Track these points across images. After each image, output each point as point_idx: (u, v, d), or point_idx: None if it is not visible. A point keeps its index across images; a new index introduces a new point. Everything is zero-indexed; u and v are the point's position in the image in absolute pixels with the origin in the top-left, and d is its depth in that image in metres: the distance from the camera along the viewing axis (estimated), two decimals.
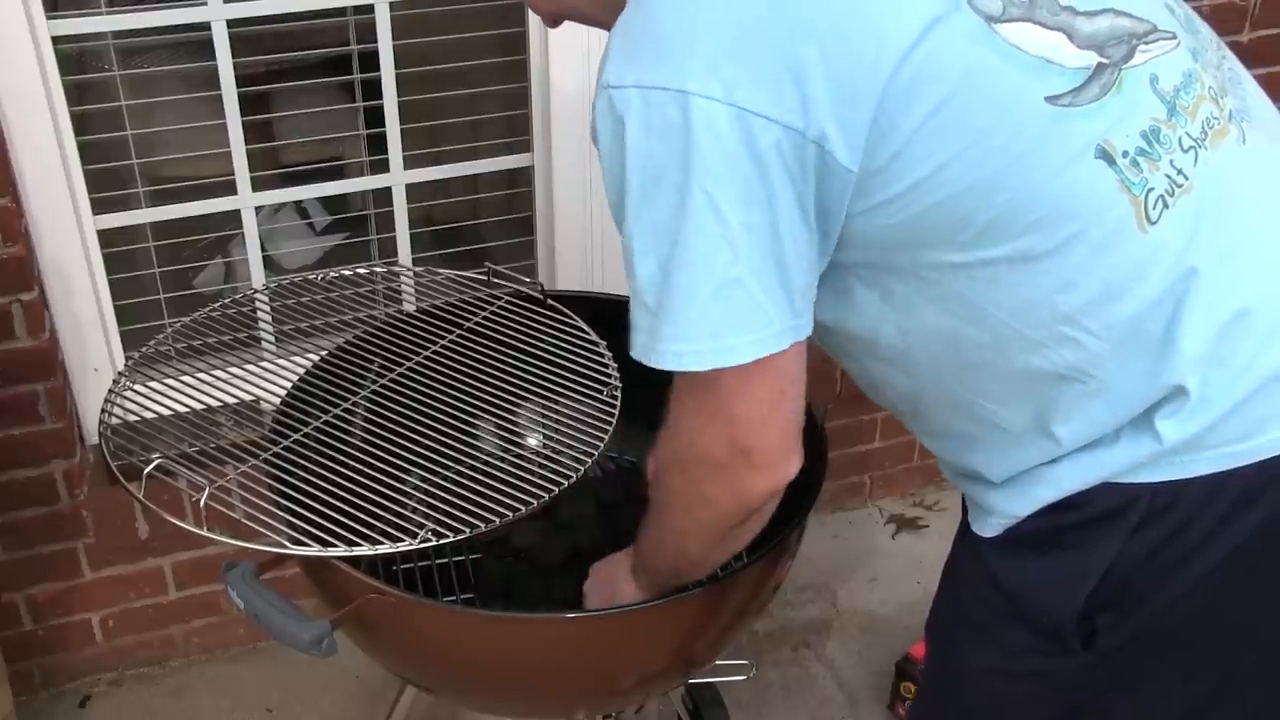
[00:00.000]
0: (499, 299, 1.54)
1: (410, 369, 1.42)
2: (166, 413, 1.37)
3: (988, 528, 1.07)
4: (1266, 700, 1.06)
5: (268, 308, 1.66)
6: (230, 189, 1.81)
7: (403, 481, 1.25)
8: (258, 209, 1.84)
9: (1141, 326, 0.94)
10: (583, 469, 1.23)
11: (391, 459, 1.26)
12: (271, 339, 1.65)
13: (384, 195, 1.91)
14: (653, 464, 1.11)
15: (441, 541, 1.15)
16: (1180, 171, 0.95)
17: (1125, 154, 0.93)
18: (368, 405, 1.39)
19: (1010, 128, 0.90)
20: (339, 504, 1.19)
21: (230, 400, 1.41)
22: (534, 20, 1.80)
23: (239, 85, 1.72)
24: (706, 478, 1.03)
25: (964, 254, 0.94)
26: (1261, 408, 0.96)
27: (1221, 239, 0.95)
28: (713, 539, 1.11)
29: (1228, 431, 0.95)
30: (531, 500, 1.18)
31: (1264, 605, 1.01)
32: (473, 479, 1.21)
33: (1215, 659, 1.03)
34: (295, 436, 1.33)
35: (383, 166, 1.87)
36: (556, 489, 1.20)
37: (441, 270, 1.61)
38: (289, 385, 1.44)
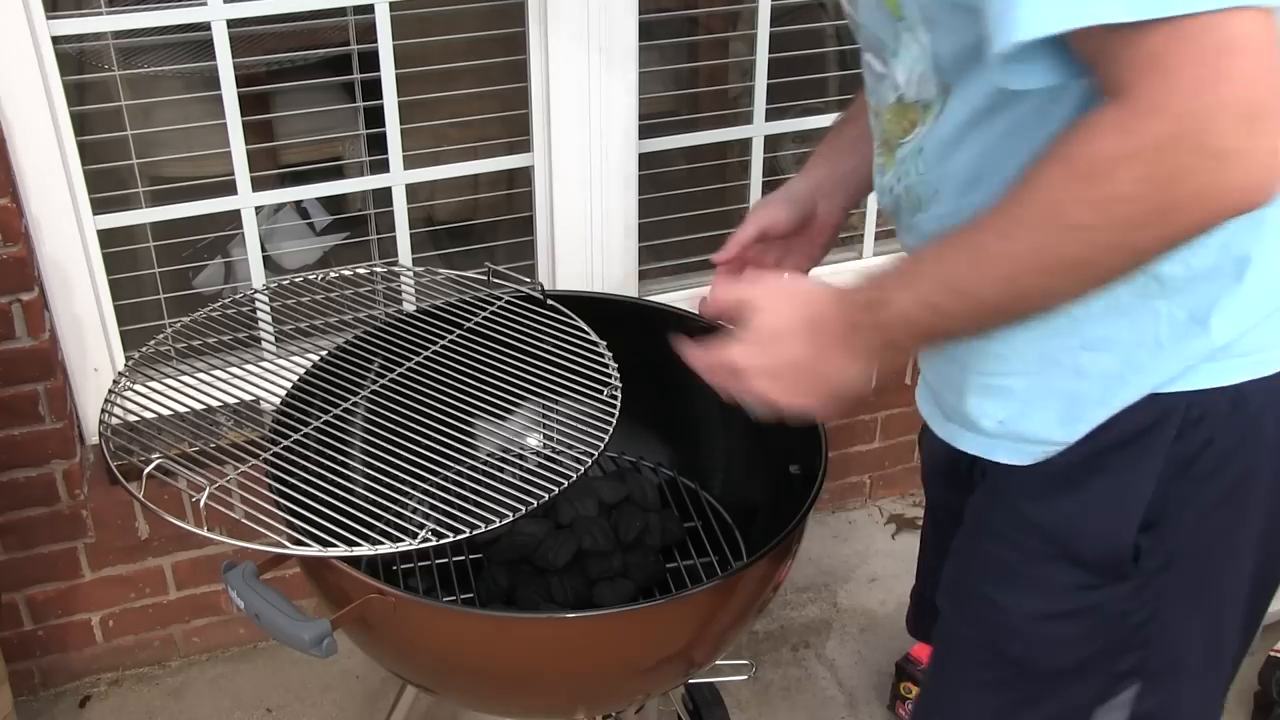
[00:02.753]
0: (499, 299, 1.54)
1: (410, 369, 1.42)
2: (166, 413, 1.37)
3: (1021, 456, 1.04)
4: None
5: (268, 308, 1.66)
6: (230, 189, 1.81)
7: (403, 481, 1.25)
8: (258, 209, 1.84)
9: None
10: (583, 469, 1.23)
11: (391, 459, 1.26)
12: (271, 339, 1.65)
13: (384, 195, 1.91)
14: (1078, 150, 0.80)
15: (441, 541, 1.15)
16: None
17: None
18: (368, 405, 1.39)
19: None
20: (339, 504, 1.19)
21: (230, 400, 1.41)
22: (534, 20, 1.80)
23: (239, 85, 1.72)
24: (1189, 172, 0.76)
25: None
26: None
27: None
28: (1136, 262, 0.82)
29: (1262, 338, 0.95)
30: (531, 500, 1.18)
31: None
32: (473, 479, 1.21)
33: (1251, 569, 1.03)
34: (295, 436, 1.33)
35: (383, 166, 1.87)
36: (556, 489, 1.20)
37: (441, 270, 1.61)
38: (289, 385, 1.44)
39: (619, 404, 1.33)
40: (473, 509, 1.17)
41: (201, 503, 1.15)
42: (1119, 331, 0.96)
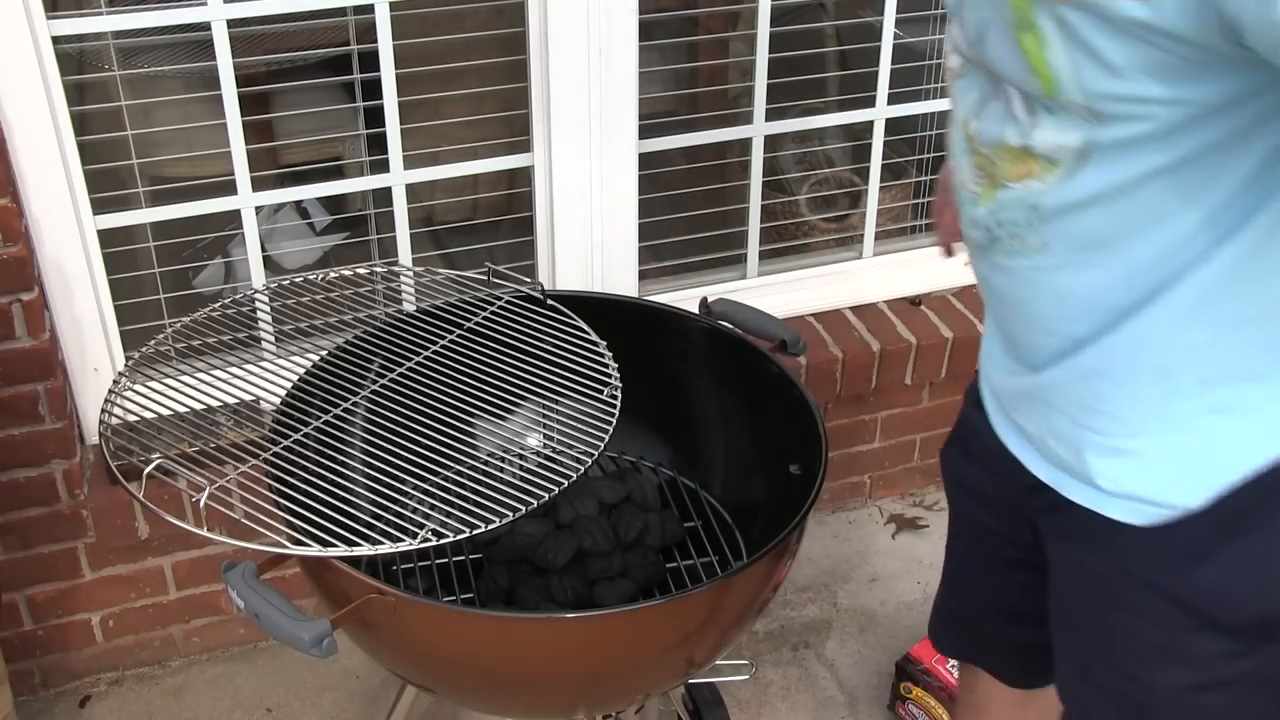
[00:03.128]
0: (499, 299, 1.54)
1: (410, 369, 1.42)
2: (166, 413, 1.37)
3: (1138, 516, 1.01)
4: None
5: (268, 308, 1.66)
6: (230, 189, 1.81)
7: (403, 481, 1.25)
8: (258, 209, 1.84)
9: None
10: (583, 469, 1.23)
11: (391, 459, 1.26)
12: (271, 339, 1.65)
13: (384, 195, 1.91)
14: None
15: (441, 541, 1.15)
16: None
17: None
18: (368, 405, 1.39)
19: None
20: (339, 504, 1.19)
21: (230, 400, 1.41)
22: (534, 19, 1.80)
23: (239, 85, 1.72)
24: None
25: None
26: None
27: None
28: None
29: None
30: (531, 500, 1.18)
31: None
32: (473, 479, 1.21)
33: None
34: (295, 436, 1.33)
35: (383, 166, 1.87)
36: (556, 489, 1.20)
37: (441, 270, 1.61)
38: (289, 385, 1.44)
39: (619, 404, 1.33)
40: (473, 509, 1.17)
41: (201, 503, 1.15)
42: (1249, 395, 0.95)
